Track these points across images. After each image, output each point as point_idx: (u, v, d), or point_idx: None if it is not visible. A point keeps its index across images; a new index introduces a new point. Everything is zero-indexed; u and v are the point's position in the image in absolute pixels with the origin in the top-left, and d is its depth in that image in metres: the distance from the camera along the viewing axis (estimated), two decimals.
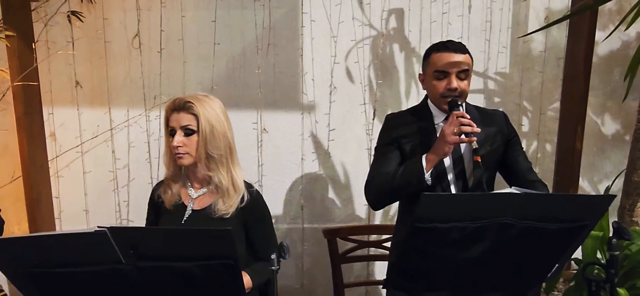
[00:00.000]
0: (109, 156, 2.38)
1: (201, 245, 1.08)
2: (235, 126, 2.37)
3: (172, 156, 1.55)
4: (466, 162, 1.61)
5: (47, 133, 2.28)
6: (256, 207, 1.58)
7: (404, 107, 2.41)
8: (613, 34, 2.31)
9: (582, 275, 1.18)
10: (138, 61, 2.29)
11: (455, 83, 1.56)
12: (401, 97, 2.46)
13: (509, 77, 2.48)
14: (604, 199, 1.08)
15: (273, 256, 1.24)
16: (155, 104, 2.33)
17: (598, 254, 1.74)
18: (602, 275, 1.43)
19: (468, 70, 1.59)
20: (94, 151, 2.38)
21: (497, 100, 2.50)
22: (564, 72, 2.28)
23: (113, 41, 2.28)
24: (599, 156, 2.54)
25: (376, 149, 1.74)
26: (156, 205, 1.63)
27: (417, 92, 2.44)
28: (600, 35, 2.24)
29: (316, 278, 2.53)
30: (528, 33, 2.04)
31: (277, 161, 2.44)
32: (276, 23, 2.32)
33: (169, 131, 1.53)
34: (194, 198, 1.58)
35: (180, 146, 1.49)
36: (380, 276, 2.53)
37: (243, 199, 1.55)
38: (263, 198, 1.62)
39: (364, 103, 2.43)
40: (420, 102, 1.76)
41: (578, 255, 1.87)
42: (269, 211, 1.63)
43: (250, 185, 1.59)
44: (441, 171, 1.58)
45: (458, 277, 1.17)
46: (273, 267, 1.24)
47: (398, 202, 1.75)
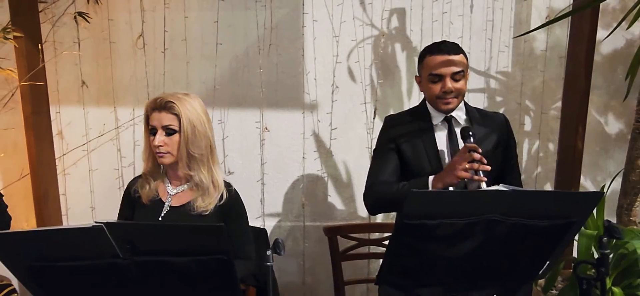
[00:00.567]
0: (115, 154, 2.43)
1: (195, 241, 1.10)
2: (238, 125, 2.44)
3: (152, 152, 1.56)
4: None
5: (55, 131, 2.33)
6: (234, 206, 1.61)
7: (406, 107, 2.43)
8: (617, 33, 2.30)
9: (574, 273, 1.19)
10: (142, 61, 2.33)
11: (450, 85, 1.58)
12: (403, 96, 2.47)
13: (511, 76, 2.48)
14: (592, 196, 1.09)
15: (268, 252, 1.27)
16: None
17: (595, 253, 1.74)
18: (592, 273, 1.43)
19: (463, 70, 1.60)
20: (100, 149, 2.42)
21: (499, 99, 2.50)
22: (565, 71, 2.28)
23: (118, 41, 2.32)
24: (603, 155, 2.53)
25: (374, 151, 1.76)
26: (132, 200, 1.64)
27: (419, 92, 2.45)
28: (604, 34, 2.23)
29: (318, 275, 2.55)
30: (526, 32, 2.04)
31: (280, 160, 2.47)
32: (278, 23, 2.35)
33: (150, 129, 1.54)
34: (173, 194, 1.60)
35: (161, 145, 1.51)
36: None
37: (222, 197, 1.57)
38: (240, 197, 1.64)
39: (366, 102, 2.45)
40: (419, 103, 1.78)
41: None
42: (246, 210, 1.65)
43: (228, 184, 1.63)
44: (439, 170, 1.60)
45: (449, 273, 1.19)
46: (268, 263, 1.27)
47: None
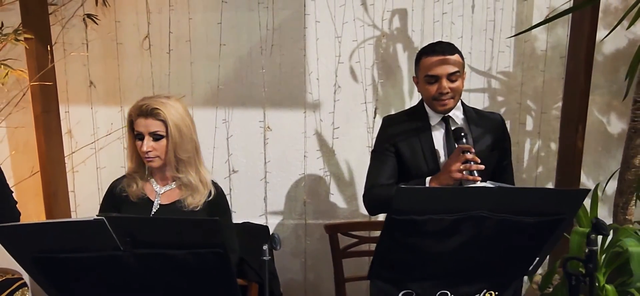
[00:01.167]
0: (122, 152, 2.48)
1: (192, 234, 1.15)
2: (241, 124, 2.48)
3: (137, 152, 1.59)
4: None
5: (64, 130, 2.39)
6: (220, 202, 1.66)
7: (407, 106, 2.44)
8: (619, 33, 2.31)
9: (563, 270, 1.21)
10: (148, 62, 2.39)
11: (446, 86, 1.60)
12: (404, 96, 2.50)
13: (513, 76, 2.50)
14: (579, 193, 1.11)
15: (265, 247, 1.31)
16: None
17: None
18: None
19: (458, 70, 1.62)
20: (108, 148, 2.49)
21: (501, 99, 2.52)
22: (566, 71, 2.29)
23: (125, 42, 2.38)
24: (604, 155, 2.52)
25: (373, 153, 1.79)
26: (117, 199, 1.64)
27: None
28: (606, 33, 2.23)
29: (320, 272, 2.59)
30: (523, 30, 2.04)
31: (283, 158, 2.51)
32: (281, 24, 2.39)
33: (136, 135, 1.56)
34: (161, 193, 1.63)
35: (150, 151, 1.53)
36: None
37: (210, 194, 1.63)
38: (225, 194, 1.71)
39: (368, 102, 2.48)
40: (416, 104, 1.81)
41: None
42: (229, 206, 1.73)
43: (214, 182, 1.67)
44: (436, 170, 1.63)
45: (439, 268, 1.21)
46: (264, 258, 1.31)
47: None
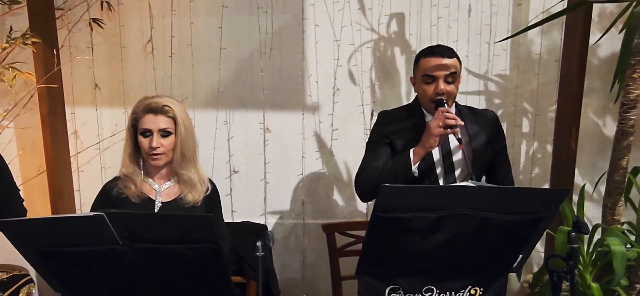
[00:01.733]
0: None
1: (187, 230, 1.20)
2: (242, 126, 2.54)
3: (134, 154, 1.64)
4: (454, 157, 1.69)
5: (70, 131, 2.46)
6: (215, 196, 1.74)
7: None
8: (614, 36, 2.34)
9: (546, 267, 1.25)
10: (151, 65, 2.45)
11: (442, 86, 1.64)
12: (402, 99, 2.54)
13: (509, 79, 2.53)
14: (558, 193, 1.15)
15: (258, 243, 1.36)
16: None
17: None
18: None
19: (455, 73, 1.67)
20: (113, 148, 2.55)
21: (497, 101, 2.56)
22: (560, 74, 2.32)
23: (129, 46, 2.45)
24: (600, 157, 2.55)
25: (367, 144, 1.83)
26: (115, 201, 1.66)
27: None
28: (604, 38, 2.25)
29: (318, 271, 2.63)
30: (513, 34, 2.08)
31: (283, 159, 2.56)
32: (281, 28, 2.44)
33: (142, 132, 1.59)
34: (161, 191, 1.68)
35: (158, 147, 1.58)
36: None
37: (208, 189, 1.70)
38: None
39: (366, 104, 2.53)
40: (412, 101, 1.85)
41: None
42: None
43: (209, 178, 1.75)
44: (430, 165, 1.67)
45: (424, 264, 1.26)
46: (258, 253, 1.37)
47: None
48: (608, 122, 2.54)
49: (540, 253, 2.46)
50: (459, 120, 1.56)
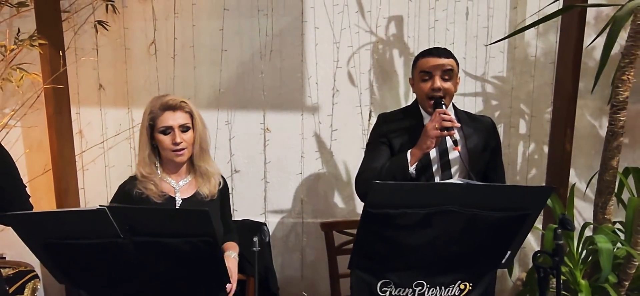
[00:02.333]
0: (130, 152, 2.60)
1: (184, 224, 1.25)
2: (243, 126, 2.58)
3: (152, 154, 1.68)
4: (451, 155, 1.73)
5: (75, 130, 2.51)
6: (226, 190, 1.83)
7: None
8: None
9: (533, 262, 1.29)
10: (154, 66, 2.51)
11: (439, 83, 1.69)
12: (400, 100, 2.58)
13: (506, 81, 2.57)
14: (544, 190, 1.19)
15: (255, 239, 1.41)
16: None
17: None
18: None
19: (452, 70, 1.71)
20: (116, 148, 2.60)
21: (494, 103, 2.59)
22: (555, 76, 2.36)
23: (133, 48, 2.50)
24: (597, 158, 2.55)
25: (367, 145, 1.87)
26: (136, 201, 1.66)
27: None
28: (600, 40, 2.28)
29: (318, 269, 2.67)
30: (506, 36, 2.11)
31: (283, 159, 2.61)
32: (281, 31, 2.49)
33: (162, 130, 1.63)
34: (179, 188, 1.72)
35: (181, 142, 1.62)
36: None
37: (220, 183, 1.77)
38: None
39: (364, 105, 2.57)
40: (411, 103, 1.90)
41: None
42: None
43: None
44: (426, 163, 1.71)
45: (414, 259, 1.30)
46: (254, 248, 1.41)
47: None
48: (604, 124, 2.57)
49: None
50: (456, 122, 1.60)
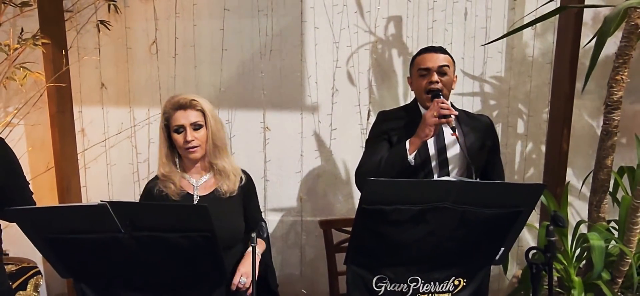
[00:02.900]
0: (131, 151, 2.63)
1: (184, 219, 1.28)
2: (242, 125, 2.61)
3: (170, 153, 1.71)
4: (449, 153, 1.75)
5: (78, 129, 2.54)
6: (250, 186, 1.80)
7: None
8: (609, 39, 2.38)
9: (525, 258, 1.31)
10: (156, 65, 2.54)
11: (435, 77, 1.73)
12: (399, 99, 2.60)
13: (504, 81, 2.59)
14: (536, 188, 1.21)
15: (253, 234, 1.43)
16: None
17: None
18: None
19: (448, 66, 1.75)
20: (118, 146, 2.63)
21: (492, 102, 2.61)
22: (553, 76, 2.38)
23: (134, 47, 2.53)
24: (594, 158, 2.58)
25: (367, 141, 1.90)
26: (156, 199, 1.70)
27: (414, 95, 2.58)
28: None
29: (317, 267, 2.70)
30: (500, 36, 2.13)
31: (283, 158, 2.63)
32: (281, 31, 2.52)
33: (175, 129, 1.66)
34: (198, 185, 1.74)
35: (193, 140, 1.64)
36: None
37: (242, 179, 1.76)
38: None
39: (363, 105, 2.59)
40: (410, 102, 1.93)
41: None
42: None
43: (242, 169, 1.80)
44: (425, 158, 1.74)
45: (408, 255, 1.32)
46: (252, 244, 1.44)
47: None
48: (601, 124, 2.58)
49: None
50: (453, 110, 1.63)
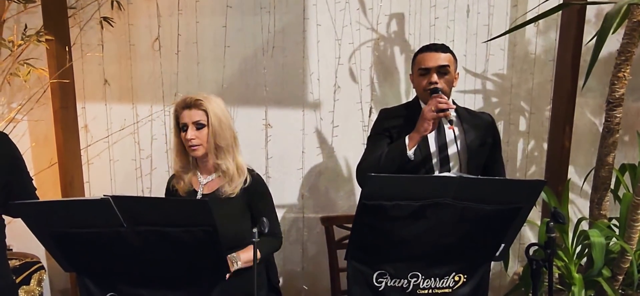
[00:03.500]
0: (134, 147, 2.64)
1: (185, 214, 1.29)
2: (244, 122, 2.62)
3: (182, 150, 1.74)
4: (450, 150, 1.76)
5: (81, 125, 2.56)
6: (257, 188, 1.77)
7: None
8: (611, 37, 2.37)
9: (525, 255, 1.31)
10: (159, 62, 2.55)
11: (435, 78, 1.73)
12: (401, 96, 2.61)
13: (506, 78, 2.59)
14: (536, 184, 1.22)
15: (254, 230, 1.44)
16: (173, 101, 2.59)
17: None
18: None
19: (448, 65, 1.75)
20: (121, 142, 2.64)
21: (494, 100, 2.61)
22: (555, 74, 2.37)
23: (137, 44, 2.54)
24: (596, 155, 2.59)
25: (369, 138, 1.91)
26: (172, 194, 1.81)
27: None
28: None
29: (319, 263, 2.70)
30: (505, 32, 2.12)
31: (285, 155, 2.64)
32: (283, 28, 2.53)
33: (181, 127, 1.71)
34: (204, 184, 1.77)
35: (193, 139, 1.67)
36: None
37: (246, 181, 1.75)
38: (263, 180, 1.82)
39: (365, 102, 2.60)
40: (412, 99, 1.94)
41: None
42: (270, 191, 1.82)
43: (252, 170, 1.80)
44: (426, 155, 1.74)
45: (408, 251, 1.33)
46: (253, 239, 1.45)
47: None
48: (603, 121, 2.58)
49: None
50: (451, 105, 1.63)
